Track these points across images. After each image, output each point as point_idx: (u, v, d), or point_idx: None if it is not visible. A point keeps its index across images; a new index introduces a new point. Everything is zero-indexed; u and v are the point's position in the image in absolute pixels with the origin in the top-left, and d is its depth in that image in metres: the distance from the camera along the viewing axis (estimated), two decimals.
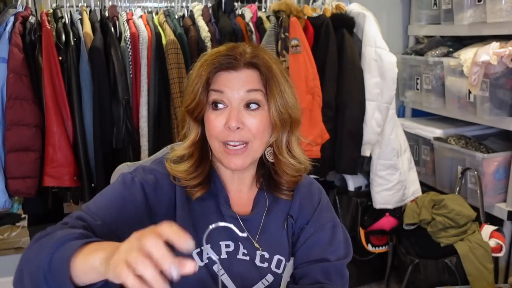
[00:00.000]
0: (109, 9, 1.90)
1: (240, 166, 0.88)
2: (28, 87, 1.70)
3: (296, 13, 1.94)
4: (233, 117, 0.85)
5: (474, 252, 1.81)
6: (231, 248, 0.91)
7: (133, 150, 1.84)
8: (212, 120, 0.87)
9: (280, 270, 0.93)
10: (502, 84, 1.86)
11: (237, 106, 0.86)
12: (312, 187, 1.01)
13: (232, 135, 0.86)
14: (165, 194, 0.90)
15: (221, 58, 0.87)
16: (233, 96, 0.86)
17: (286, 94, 0.89)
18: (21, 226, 2.81)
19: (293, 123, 0.91)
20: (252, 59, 0.88)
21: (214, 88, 0.87)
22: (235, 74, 0.87)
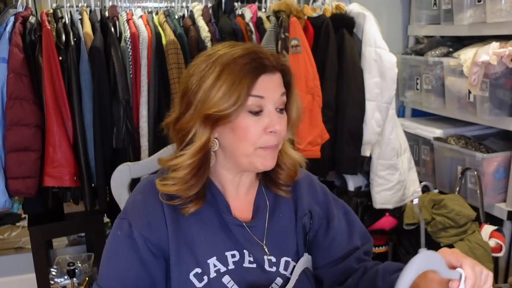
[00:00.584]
0: (109, 9, 1.90)
1: (272, 165, 0.89)
2: (28, 87, 1.70)
3: (296, 13, 1.94)
4: (277, 120, 0.86)
5: (474, 252, 1.81)
6: (236, 257, 0.90)
7: (133, 150, 1.84)
8: (251, 126, 0.84)
9: (288, 272, 0.93)
10: (502, 84, 1.86)
11: (273, 109, 0.86)
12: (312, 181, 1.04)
13: (273, 139, 0.86)
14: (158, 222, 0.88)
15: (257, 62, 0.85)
16: (272, 100, 0.86)
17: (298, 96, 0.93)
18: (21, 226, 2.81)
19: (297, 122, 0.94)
20: (281, 62, 0.89)
21: (255, 93, 0.84)
22: (272, 77, 0.86)
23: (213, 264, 0.88)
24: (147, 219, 0.88)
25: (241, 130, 0.85)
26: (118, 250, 0.88)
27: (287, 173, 0.96)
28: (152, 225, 0.87)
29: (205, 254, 0.88)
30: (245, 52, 0.85)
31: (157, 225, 0.88)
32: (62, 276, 2.15)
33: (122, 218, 0.90)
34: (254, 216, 0.95)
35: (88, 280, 2.16)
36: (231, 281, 0.87)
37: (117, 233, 0.89)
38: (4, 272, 2.39)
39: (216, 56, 0.86)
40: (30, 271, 2.06)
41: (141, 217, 0.88)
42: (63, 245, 2.58)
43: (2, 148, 1.69)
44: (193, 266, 0.87)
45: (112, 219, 2.18)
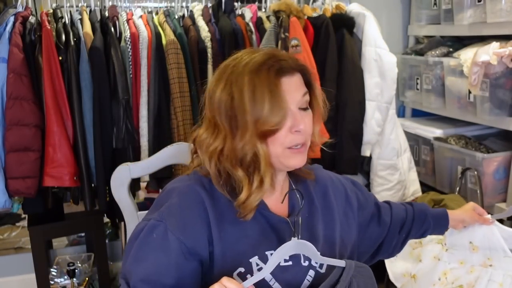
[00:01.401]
0: (109, 9, 1.90)
1: (302, 163, 0.92)
2: (28, 87, 1.70)
3: (296, 13, 1.94)
4: (300, 120, 0.88)
5: None
6: None
7: (133, 150, 1.84)
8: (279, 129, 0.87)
9: (318, 265, 0.95)
10: (502, 84, 1.86)
11: (296, 109, 0.88)
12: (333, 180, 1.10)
13: (299, 138, 0.88)
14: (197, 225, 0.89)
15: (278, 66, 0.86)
16: (294, 101, 0.87)
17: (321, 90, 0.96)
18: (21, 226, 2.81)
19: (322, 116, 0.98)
20: (298, 62, 0.91)
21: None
22: (291, 79, 0.88)
23: (256, 263, 0.90)
24: (185, 222, 0.88)
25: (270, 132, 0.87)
26: (152, 253, 0.87)
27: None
28: (189, 228, 0.88)
29: (247, 254, 0.90)
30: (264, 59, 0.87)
31: (196, 228, 0.88)
32: (62, 276, 2.15)
33: (158, 221, 0.89)
34: (291, 212, 0.98)
35: (88, 280, 2.16)
36: (273, 279, 0.90)
37: (152, 235, 0.88)
38: (4, 272, 2.39)
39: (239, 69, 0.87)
40: (30, 271, 2.06)
41: (178, 221, 0.88)
42: (63, 245, 2.58)
43: (2, 148, 1.68)
44: (237, 265, 0.89)
45: (112, 219, 2.18)
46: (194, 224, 0.88)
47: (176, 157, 1.27)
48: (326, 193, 1.05)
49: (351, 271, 0.91)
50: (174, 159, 1.28)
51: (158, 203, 0.94)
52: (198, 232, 0.88)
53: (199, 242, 0.88)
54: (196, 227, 0.88)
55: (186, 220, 0.88)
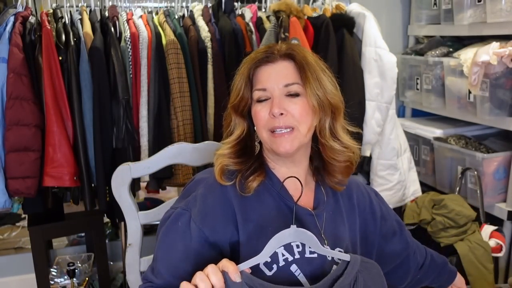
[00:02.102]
0: (109, 9, 1.90)
1: (289, 149, 0.94)
2: (28, 87, 1.70)
3: (296, 13, 1.94)
4: (275, 104, 0.93)
5: (474, 252, 1.81)
6: (300, 247, 0.94)
7: (133, 150, 1.84)
8: (258, 112, 0.95)
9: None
10: (502, 84, 1.86)
11: (278, 96, 0.94)
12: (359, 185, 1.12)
13: (277, 121, 0.93)
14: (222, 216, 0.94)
15: (260, 54, 0.97)
16: (274, 89, 0.94)
17: (323, 82, 0.96)
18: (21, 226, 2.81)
19: (334, 110, 0.99)
20: (287, 50, 0.96)
21: (258, 87, 0.96)
22: (272, 66, 0.95)
23: (281, 253, 0.92)
24: (206, 213, 0.94)
25: (255, 117, 0.97)
26: (175, 240, 0.94)
27: (342, 168, 1.01)
28: (210, 219, 0.93)
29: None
30: (260, 49, 0.98)
31: (217, 219, 0.93)
32: (62, 276, 2.15)
33: (184, 210, 0.96)
34: (316, 206, 1.02)
35: (88, 280, 2.15)
36: (298, 270, 0.92)
37: (177, 223, 0.95)
38: (4, 272, 2.38)
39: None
40: (30, 271, 2.06)
41: (200, 211, 0.94)
42: (63, 245, 2.58)
43: (2, 148, 1.68)
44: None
45: (112, 219, 2.18)
46: (216, 215, 0.94)
47: (176, 157, 1.27)
48: (351, 196, 1.08)
49: (356, 266, 0.91)
50: (174, 159, 1.28)
51: (186, 192, 1.01)
52: (219, 223, 0.93)
53: (218, 234, 0.93)
54: (218, 217, 0.94)
55: (208, 211, 0.94)
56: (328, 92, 0.97)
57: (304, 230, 0.87)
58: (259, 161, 1.00)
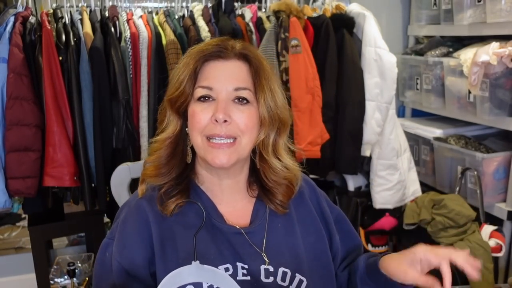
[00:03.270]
0: (109, 9, 1.90)
1: (226, 162, 0.83)
2: (28, 87, 1.70)
3: (296, 13, 1.94)
4: (220, 109, 0.81)
5: (474, 252, 1.81)
6: (230, 271, 0.84)
7: (133, 150, 1.84)
8: (198, 112, 0.83)
9: (286, 283, 0.87)
10: (502, 84, 1.86)
11: (225, 99, 0.82)
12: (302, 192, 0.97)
13: (218, 129, 0.81)
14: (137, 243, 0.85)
15: (211, 47, 0.85)
16: (222, 91, 0.83)
17: (275, 93, 0.86)
18: (21, 226, 2.81)
19: (281, 125, 0.88)
20: (243, 50, 0.86)
21: (203, 84, 0.84)
22: (224, 63, 0.84)
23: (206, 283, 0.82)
24: (124, 244, 0.85)
25: (192, 117, 0.84)
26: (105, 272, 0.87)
27: (282, 190, 0.91)
28: (127, 250, 0.85)
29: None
30: (212, 40, 0.87)
31: (134, 249, 0.84)
32: (62, 276, 2.15)
33: (110, 239, 0.89)
34: (252, 222, 0.91)
35: (88, 280, 2.16)
36: None
37: (105, 255, 0.88)
38: (4, 272, 2.39)
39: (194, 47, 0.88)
40: (30, 271, 2.06)
41: (119, 241, 0.86)
42: (63, 245, 2.58)
43: (2, 148, 1.68)
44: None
45: (112, 219, 2.18)
46: (133, 245, 0.84)
47: None
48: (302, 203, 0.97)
49: None
50: None
51: (116, 216, 0.93)
52: (136, 253, 0.84)
53: (136, 265, 0.84)
54: (134, 248, 0.84)
55: (126, 242, 0.85)
56: (279, 105, 0.87)
57: (212, 268, 0.72)
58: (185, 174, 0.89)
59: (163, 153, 0.88)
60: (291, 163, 0.92)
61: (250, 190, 0.94)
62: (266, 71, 0.86)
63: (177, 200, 0.85)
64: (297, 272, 0.88)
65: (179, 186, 0.87)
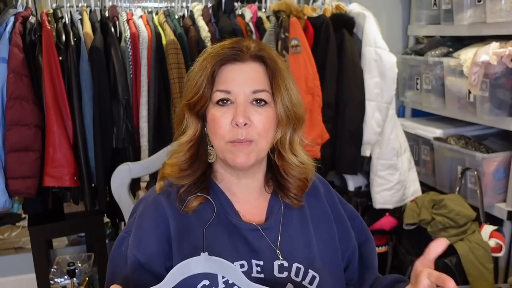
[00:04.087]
0: (109, 9, 1.90)
1: (245, 162, 0.84)
2: (28, 87, 1.70)
3: (296, 13, 1.94)
4: (240, 112, 0.82)
5: (474, 252, 1.81)
6: (245, 267, 0.86)
7: (133, 150, 1.84)
8: (219, 117, 0.84)
9: (299, 278, 0.89)
10: (502, 84, 1.86)
11: (243, 102, 0.83)
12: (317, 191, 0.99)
13: (240, 132, 0.83)
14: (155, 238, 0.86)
15: (227, 50, 0.86)
16: (240, 94, 0.84)
17: (291, 91, 0.88)
18: (21, 226, 2.81)
19: (298, 121, 0.90)
20: (259, 52, 0.87)
21: (221, 88, 0.85)
22: (241, 66, 0.85)
23: (221, 275, 0.84)
24: (141, 238, 0.87)
25: (212, 122, 0.85)
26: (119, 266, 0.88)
27: (296, 185, 0.92)
28: (144, 243, 0.86)
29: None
30: (226, 42, 0.87)
31: (151, 243, 0.86)
32: (62, 276, 2.15)
33: (126, 233, 0.90)
34: (268, 218, 0.92)
35: (88, 280, 2.16)
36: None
37: (121, 249, 0.89)
38: (4, 272, 2.39)
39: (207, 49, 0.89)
40: (30, 271, 2.06)
41: (135, 235, 0.87)
42: (63, 245, 2.58)
43: (2, 148, 1.68)
44: (201, 278, 0.83)
45: (112, 219, 2.18)
46: (150, 239, 0.86)
47: None
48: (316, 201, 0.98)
49: None
50: None
51: (132, 213, 0.94)
52: (152, 247, 0.85)
53: (152, 259, 0.85)
54: (151, 242, 0.86)
55: (142, 235, 0.87)
56: (295, 103, 0.88)
57: (220, 260, 0.72)
58: (207, 173, 0.91)
59: (185, 156, 0.89)
60: (306, 157, 0.93)
61: (266, 187, 0.95)
62: (282, 71, 0.87)
63: (198, 199, 0.87)
64: (310, 268, 0.90)
65: (201, 185, 0.89)
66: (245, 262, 0.86)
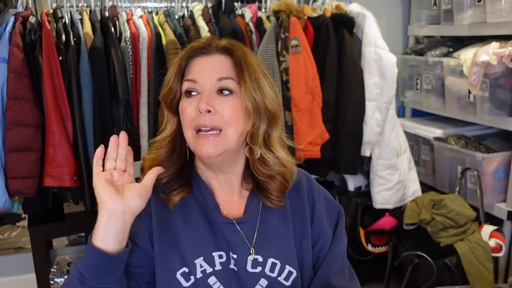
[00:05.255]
0: (109, 9, 1.90)
1: (212, 153, 0.85)
2: (28, 87, 1.70)
3: (296, 13, 1.94)
4: (203, 99, 0.84)
5: (474, 252, 1.81)
6: (223, 258, 0.89)
7: (133, 150, 1.84)
8: (185, 107, 0.87)
9: (275, 274, 0.90)
10: (502, 84, 1.86)
11: (208, 91, 0.86)
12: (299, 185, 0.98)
13: (203, 119, 0.84)
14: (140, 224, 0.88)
15: (195, 45, 0.89)
16: (205, 83, 0.86)
17: (262, 84, 0.88)
18: (21, 226, 2.81)
19: (272, 117, 0.90)
20: (226, 45, 0.89)
21: (187, 78, 0.88)
22: (207, 58, 0.88)
23: (200, 264, 0.87)
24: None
25: (182, 113, 0.89)
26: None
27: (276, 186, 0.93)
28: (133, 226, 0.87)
29: (192, 254, 0.88)
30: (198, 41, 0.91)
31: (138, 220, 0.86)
32: (62, 276, 2.15)
33: None
34: (245, 212, 0.94)
35: None
36: (217, 282, 0.87)
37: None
38: (4, 272, 2.38)
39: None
40: (30, 271, 2.06)
41: None
42: (63, 245, 2.58)
43: (2, 148, 1.68)
44: (180, 266, 0.87)
45: None
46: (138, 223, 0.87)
47: None
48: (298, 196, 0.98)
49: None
50: None
51: None
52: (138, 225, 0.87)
53: (139, 235, 0.88)
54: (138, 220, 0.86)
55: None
56: (267, 96, 0.88)
57: None
58: (186, 169, 0.93)
59: (162, 151, 0.92)
60: (285, 156, 0.93)
61: (244, 184, 0.96)
62: (251, 63, 0.89)
63: (180, 194, 0.90)
64: (287, 263, 0.91)
65: (181, 180, 0.92)
66: (223, 253, 0.89)
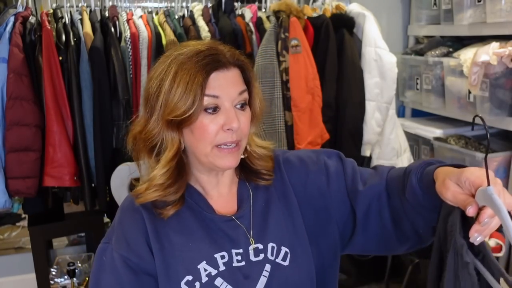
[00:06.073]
0: (109, 9, 1.90)
1: (234, 165, 0.88)
2: (28, 87, 1.70)
3: (296, 13, 1.94)
4: (233, 118, 0.83)
5: None
6: (226, 258, 0.89)
7: None
8: (208, 124, 0.83)
9: (273, 257, 0.91)
10: (502, 84, 1.86)
11: (231, 106, 0.85)
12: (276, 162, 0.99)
13: (230, 136, 0.84)
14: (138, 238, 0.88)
15: (207, 59, 0.83)
16: (228, 98, 0.84)
17: (259, 89, 0.93)
18: (21, 226, 2.81)
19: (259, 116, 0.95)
20: (238, 57, 0.88)
21: (209, 93, 0.82)
22: (226, 73, 0.85)
23: (204, 268, 0.87)
24: (126, 238, 0.88)
25: (199, 130, 0.84)
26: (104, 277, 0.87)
27: (264, 163, 0.96)
28: (131, 244, 0.87)
29: (194, 260, 0.87)
30: (199, 49, 0.85)
31: (138, 242, 0.87)
32: (62, 276, 2.15)
33: (106, 243, 0.90)
34: (240, 207, 0.95)
35: (88, 280, 2.16)
36: (224, 283, 0.87)
37: (102, 259, 0.88)
38: (4, 272, 2.39)
39: (172, 56, 0.85)
40: (30, 271, 2.06)
41: (120, 238, 0.88)
42: (63, 245, 2.58)
43: (2, 148, 1.69)
44: (184, 274, 0.86)
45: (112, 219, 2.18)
46: (135, 238, 0.87)
47: None
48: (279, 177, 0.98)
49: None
50: None
51: (112, 222, 0.95)
52: (140, 246, 0.87)
53: (143, 257, 0.87)
54: (138, 241, 0.87)
55: (127, 236, 0.88)
56: (261, 99, 0.94)
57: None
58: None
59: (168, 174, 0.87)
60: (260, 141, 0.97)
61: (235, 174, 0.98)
62: (252, 72, 0.91)
63: (174, 207, 0.89)
64: (282, 245, 0.92)
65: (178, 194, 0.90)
66: (225, 253, 0.89)
